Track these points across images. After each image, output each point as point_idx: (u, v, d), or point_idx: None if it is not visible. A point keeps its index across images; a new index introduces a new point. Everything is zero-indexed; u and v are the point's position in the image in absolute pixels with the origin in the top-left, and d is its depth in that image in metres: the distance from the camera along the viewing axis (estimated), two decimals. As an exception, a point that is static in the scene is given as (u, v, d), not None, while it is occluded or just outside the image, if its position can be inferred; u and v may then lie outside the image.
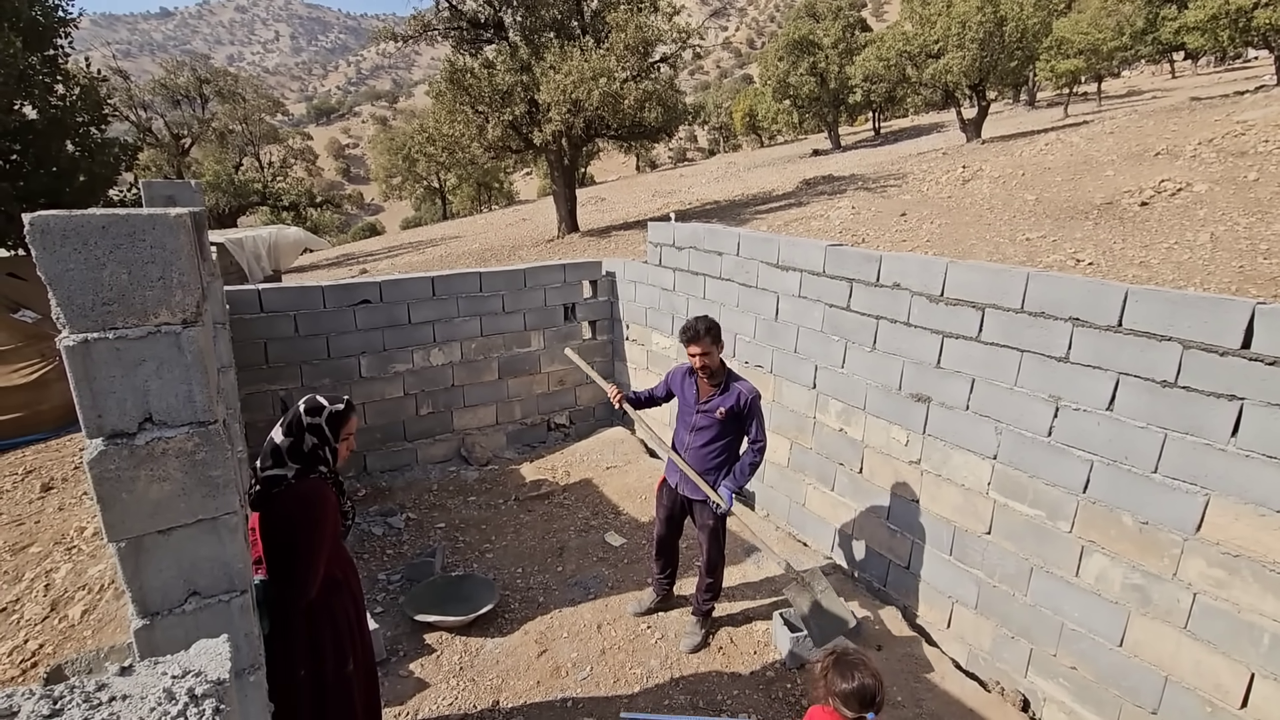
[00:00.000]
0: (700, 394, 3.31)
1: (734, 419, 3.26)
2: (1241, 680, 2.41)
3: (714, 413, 3.25)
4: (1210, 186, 8.17)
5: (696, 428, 3.30)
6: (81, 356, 1.24)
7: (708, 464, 3.29)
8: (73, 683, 0.67)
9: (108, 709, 0.64)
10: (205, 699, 0.65)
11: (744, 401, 3.23)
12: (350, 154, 67.57)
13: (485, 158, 13.63)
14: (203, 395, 1.36)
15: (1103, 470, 2.75)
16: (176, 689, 0.65)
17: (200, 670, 0.68)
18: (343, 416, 2.22)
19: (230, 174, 23.12)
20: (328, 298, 4.86)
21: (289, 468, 2.11)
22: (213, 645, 0.74)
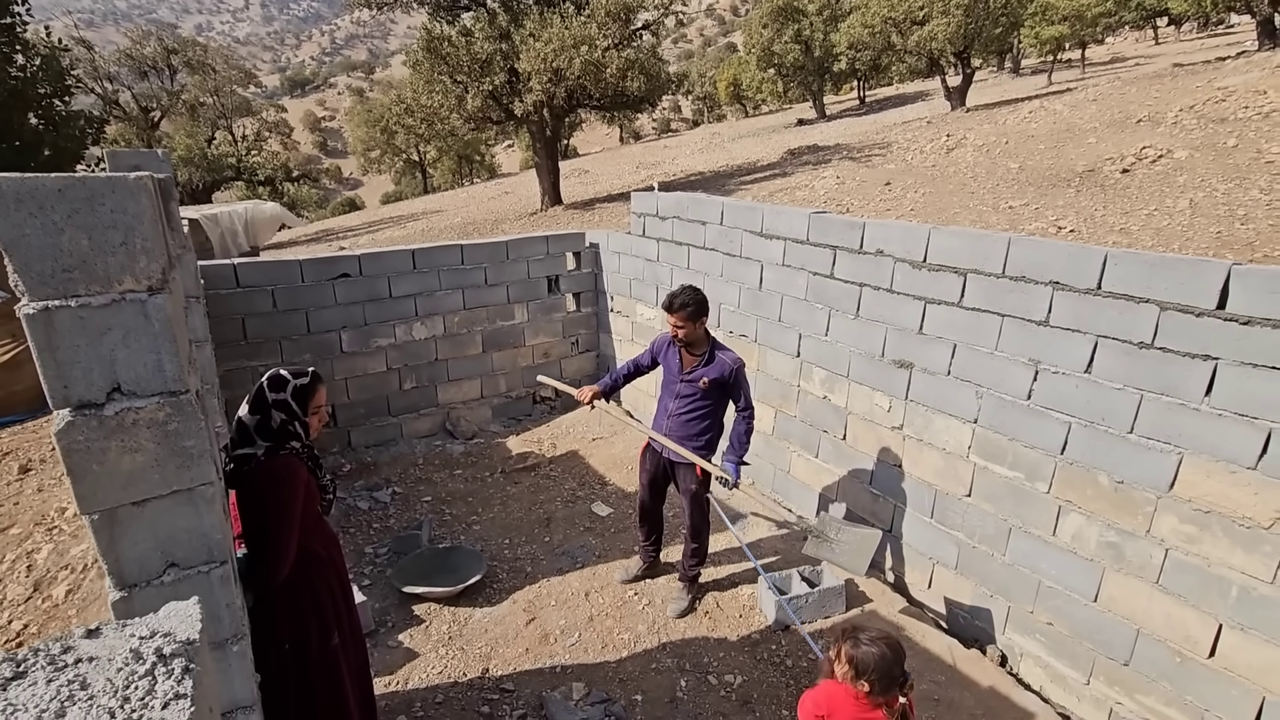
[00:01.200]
0: (684, 364, 3.33)
1: (718, 389, 3.27)
2: (1210, 631, 2.48)
3: (697, 382, 3.27)
4: (1190, 153, 8.21)
5: (679, 395, 3.33)
6: (43, 325, 1.21)
7: (690, 431, 3.31)
8: (37, 645, 0.66)
9: (73, 670, 0.63)
10: (174, 658, 0.64)
11: (729, 372, 3.23)
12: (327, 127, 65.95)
13: (465, 129, 13.36)
14: (173, 364, 1.33)
15: (1080, 431, 2.79)
16: (144, 649, 0.64)
17: (169, 631, 0.67)
18: (309, 389, 2.17)
19: (203, 148, 22.50)
20: (306, 272, 4.78)
21: (259, 446, 2.08)
22: (182, 607, 0.72)
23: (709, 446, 3.37)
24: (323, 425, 2.30)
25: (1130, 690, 2.74)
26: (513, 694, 3.00)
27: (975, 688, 2.99)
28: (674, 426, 3.34)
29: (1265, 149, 7.69)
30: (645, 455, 3.58)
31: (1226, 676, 2.45)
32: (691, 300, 3.16)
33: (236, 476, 2.06)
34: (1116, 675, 2.78)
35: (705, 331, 3.32)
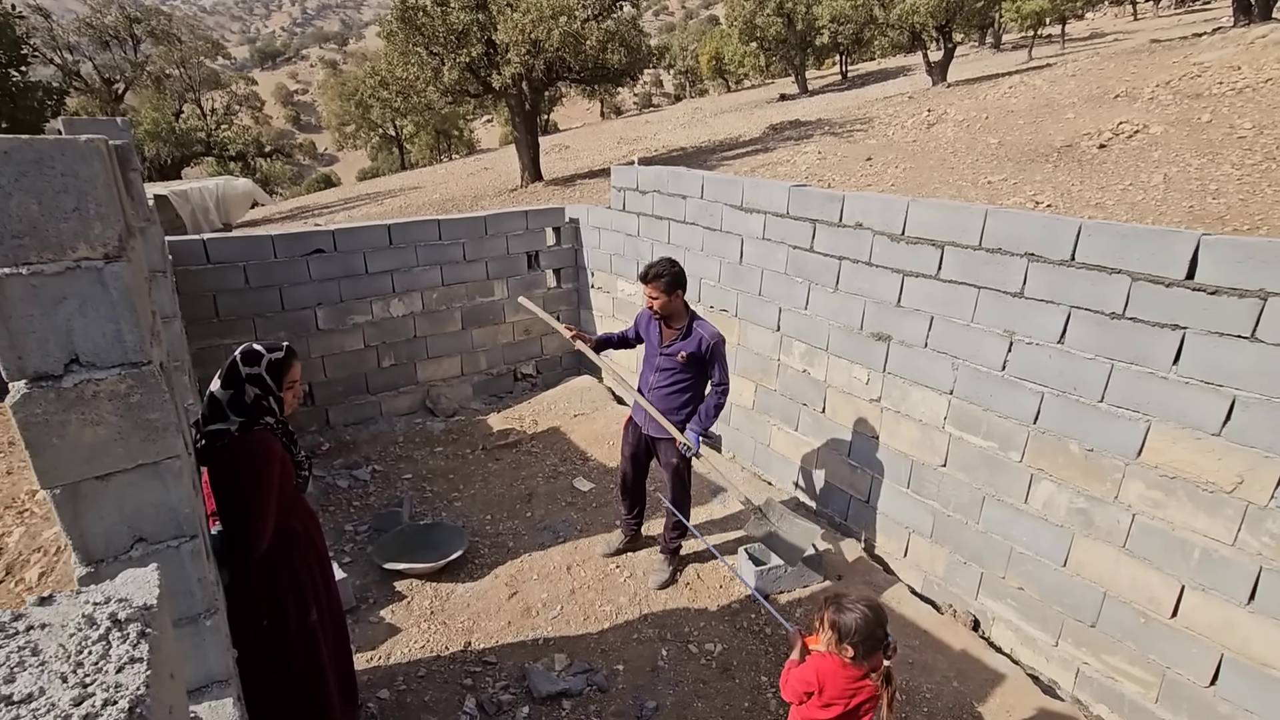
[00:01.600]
0: (663, 337, 3.33)
1: (695, 362, 3.27)
2: (1173, 592, 2.56)
3: (675, 355, 3.27)
4: (1165, 128, 8.28)
5: (659, 369, 3.35)
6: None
7: (671, 405, 3.33)
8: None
9: (24, 638, 0.61)
10: (129, 623, 0.62)
11: (705, 346, 3.23)
12: (299, 100, 64.16)
13: (442, 102, 13.08)
14: (133, 335, 1.29)
15: (1052, 401, 2.84)
16: (98, 614, 0.63)
17: (125, 597, 0.66)
18: (284, 363, 2.13)
19: (170, 122, 21.78)
20: (279, 248, 4.68)
21: (231, 421, 2.04)
22: (140, 573, 0.71)
23: (689, 419, 3.38)
24: (297, 401, 2.27)
25: (1096, 650, 2.83)
26: (495, 666, 3.03)
27: (948, 651, 3.07)
28: (654, 400, 3.35)
29: (1238, 124, 7.78)
30: (627, 430, 3.59)
31: (1187, 635, 2.54)
32: (666, 271, 3.16)
33: (209, 453, 2.03)
34: (1084, 636, 2.87)
35: (684, 305, 3.31)
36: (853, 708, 1.98)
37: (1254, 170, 6.76)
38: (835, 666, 1.98)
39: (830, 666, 1.99)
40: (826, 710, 2.01)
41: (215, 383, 2.08)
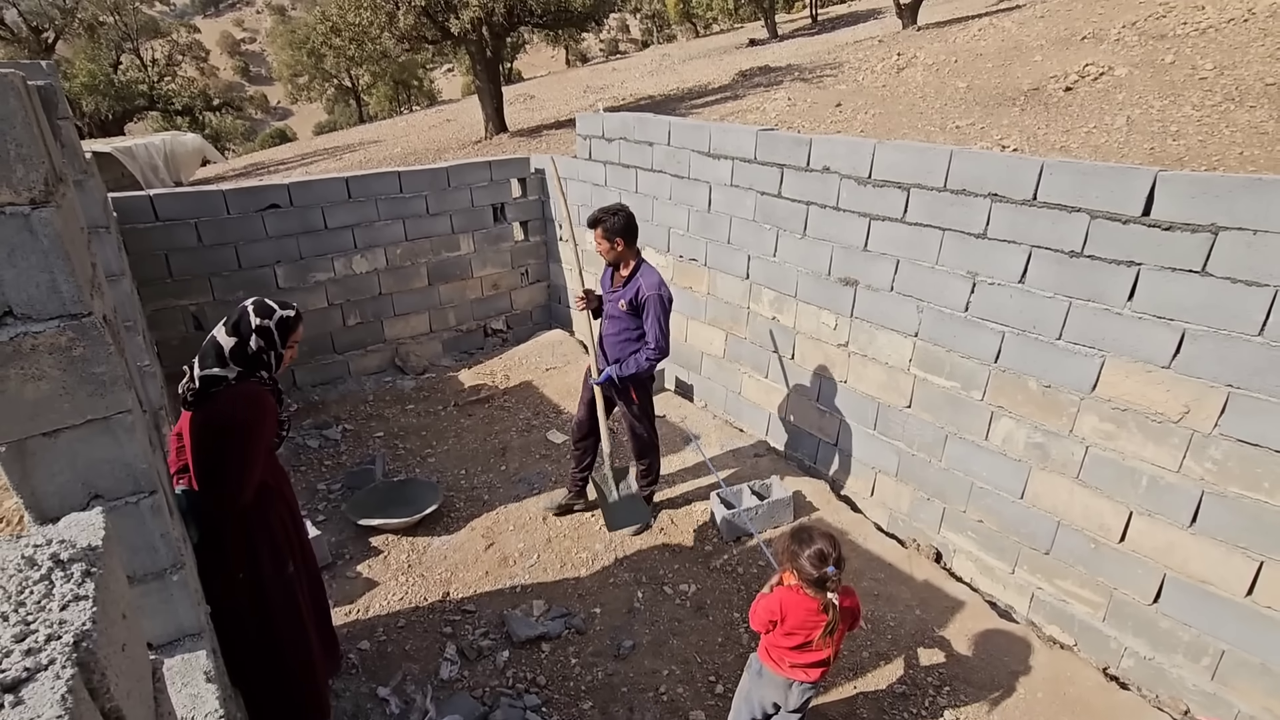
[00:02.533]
0: (613, 283, 3.34)
1: (635, 311, 3.25)
2: (1121, 518, 2.69)
3: (618, 303, 3.27)
4: (1130, 70, 8.30)
5: (610, 316, 3.36)
6: (-89, 242, 1.09)
7: (624, 354, 3.32)
8: (-82, 558, 0.62)
9: (-39, 581, 0.60)
10: (73, 563, 0.61)
11: (641, 296, 3.18)
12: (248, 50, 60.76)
13: (398, 50, 12.50)
14: (69, 285, 1.23)
15: (1013, 340, 2.90)
16: (38, 556, 0.61)
17: (66, 539, 0.64)
18: (294, 322, 2.17)
19: (108, 74, 20.49)
20: (231, 203, 4.50)
21: (230, 369, 2.02)
22: (83, 517, 0.69)
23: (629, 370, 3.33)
24: (292, 361, 2.25)
25: (1050, 576, 2.98)
26: (474, 614, 3.08)
27: (912, 582, 3.20)
28: (608, 348, 3.37)
29: (1199, 65, 7.84)
30: (587, 376, 3.53)
31: (1134, 558, 2.68)
32: (607, 217, 3.14)
33: (201, 397, 2.00)
34: (1038, 563, 3.01)
35: (635, 253, 3.27)
36: (814, 638, 2.06)
37: (1213, 111, 6.84)
38: (797, 598, 2.07)
39: (793, 598, 2.07)
40: (788, 639, 2.10)
41: (220, 330, 2.05)
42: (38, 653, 0.52)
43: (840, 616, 2.06)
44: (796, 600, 2.07)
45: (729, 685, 2.72)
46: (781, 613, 2.08)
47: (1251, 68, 7.46)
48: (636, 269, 3.24)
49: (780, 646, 2.14)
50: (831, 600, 2.01)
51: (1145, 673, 2.72)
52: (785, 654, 2.14)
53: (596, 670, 2.80)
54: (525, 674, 2.77)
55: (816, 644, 2.07)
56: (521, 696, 2.66)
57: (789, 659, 2.14)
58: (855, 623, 2.21)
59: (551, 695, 2.69)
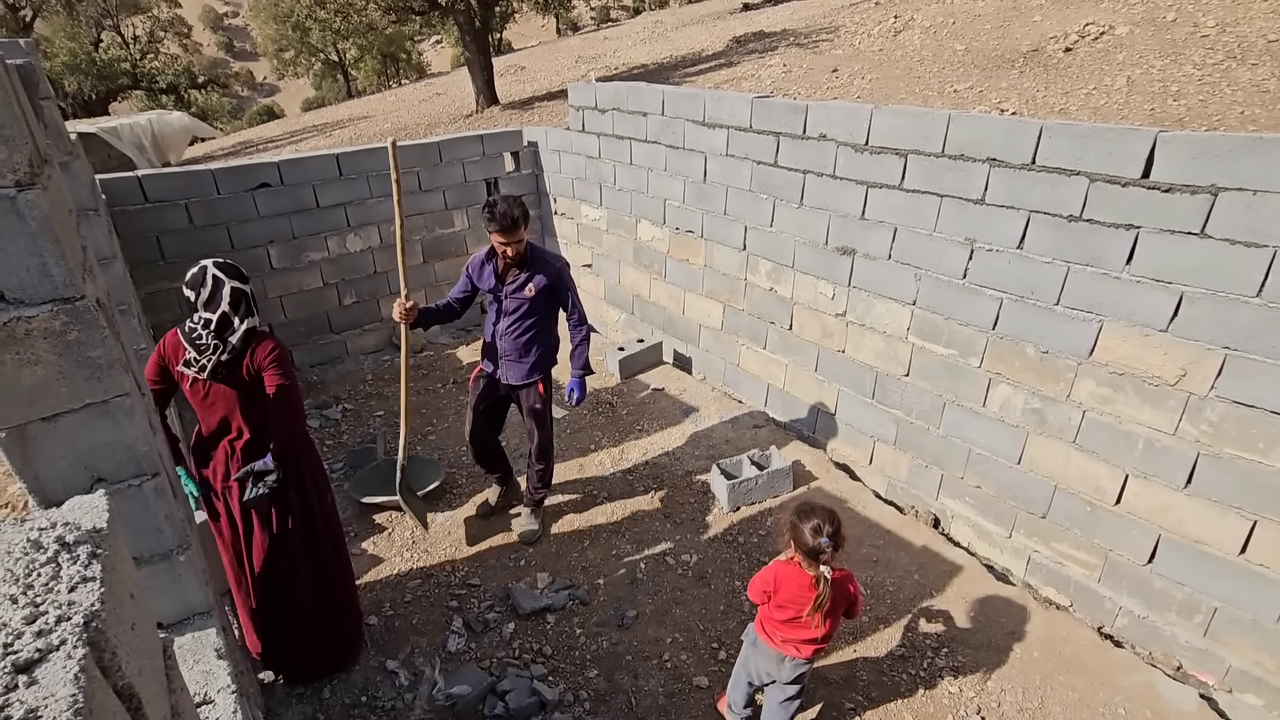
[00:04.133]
0: (504, 276, 3.02)
1: (547, 296, 3.04)
2: (1117, 481, 2.72)
3: (523, 291, 3.00)
4: (1131, 29, 8.16)
5: (506, 313, 3.05)
6: (-103, 228, 1.08)
7: (523, 349, 3.10)
8: (-76, 544, 0.62)
9: (-32, 565, 0.60)
10: (79, 545, 0.61)
11: (554, 273, 3.01)
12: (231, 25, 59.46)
13: (385, 21, 12.25)
14: (60, 269, 1.22)
15: (1011, 306, 2.90)
16: (44, 539, 0.62)
17: (71, 521, 0.65)
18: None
19: (89, 52, 20.08)
20: (220, 182, 4.44)
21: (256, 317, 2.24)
22: (87, 499, 0.69)
23: (548, 358, 3.20)
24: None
25: (1046, 539, 3.02)
26: (479, 588, 3.12)
27: (910, 548, 3.25)
28: (506, 348, 3.09)
29: (1201, 22, 7.70)
30: (477, 382, 3.27)
31: (1129, 520, 2.71)
32: (514, 208, 2.81)
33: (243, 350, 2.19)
34: (1035, 527, 3.05)
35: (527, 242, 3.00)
36: (803, 613, 2.07)
37: (1215, 70, 6.74)
38: (791, 571, 2.09)
39: (788, 571, 2.09)
40: (780, 611, 2.12)
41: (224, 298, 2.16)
42: (49, 634, 0.52)
43: (835, 597, 2.06)
44: (791, 573, 2.09)
45: (731, 652, 2.77)
46: (775, 584, 2.11)
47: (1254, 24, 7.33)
48: (529, 251, 2.99)
49: (773, 620, 2.16)
50: (824, 574, 2.01)
51: (1139, 631, 2.77)
52: (778, 627, 2.16)
53: (601, 640, 2.85)
54: (531, 645, 2.82)
55: (806, 620, 2.07)
56: (528, 667, 2.71)
57: (780, 633, 2.16)
58: (854, 609, 2.18)
59: (558, 665, 2.74)
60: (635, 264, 5.04)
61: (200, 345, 2.13)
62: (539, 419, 3.24)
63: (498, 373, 3.18)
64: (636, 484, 3.76)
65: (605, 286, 5.46)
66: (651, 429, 4.22)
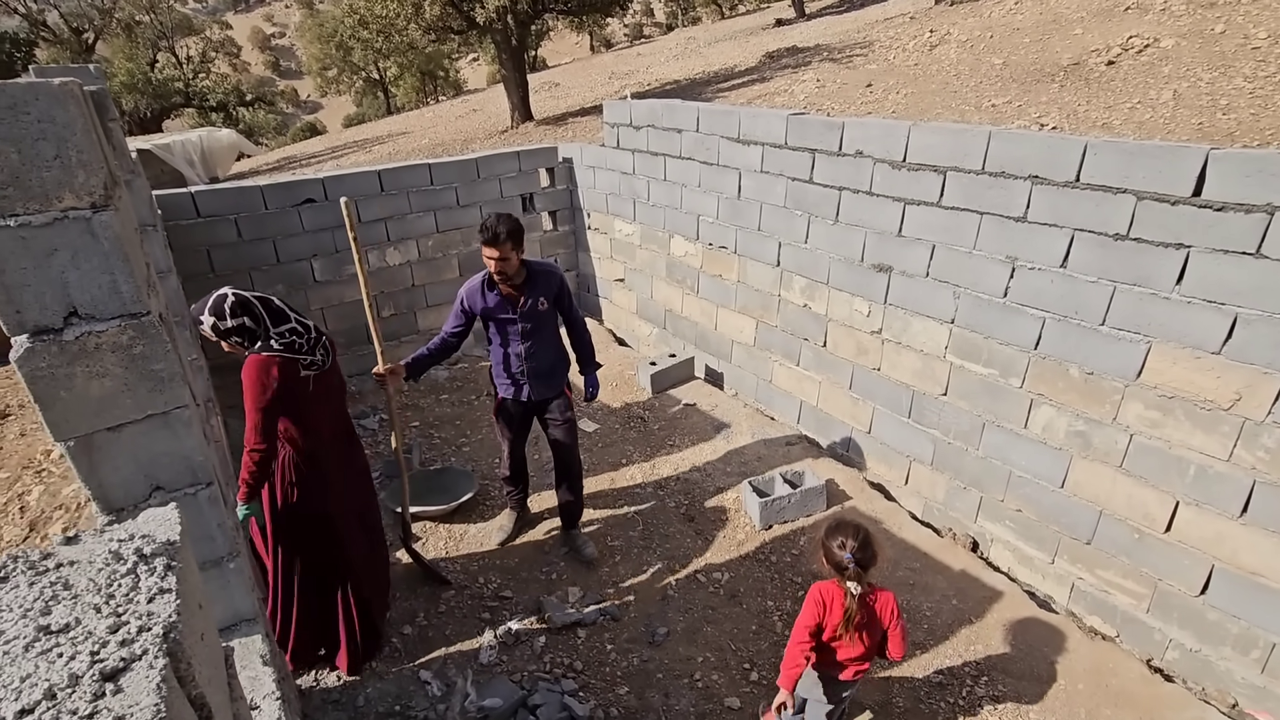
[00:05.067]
0: (515, 300, 2.95)
1: (556, 304, 3.03)
2: (1167, 508, 2.63)
3: (538, 308, 2.96)
4: (1177, 41, 7.96)
5: (526, 335, 2.99)
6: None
7: (553, 364, 3.11)
8: (14, 553, 0.66)
9: (55, 574, 0.64)
10: (155, 557, 0.64)
11: (558, 282, 3.01)
12: (278, 45, 61.71)
13: (425, 40, 12.58)
14: (129, 286, 1.28)
15: (1054, 326, 2.84)
16: (124, 550, 0.65)
17: (148, 534, 0.68)
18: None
19: (145, 72, 21.00)
20: (268, 198, 4.59)
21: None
22: (160, 512, 0.73)
23: (568, 363, 3.21)
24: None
25: (1091, 566, 2.92)
26: (511, 600, 3.14)
27: (948, 572, 3.17)
28: (537, 368, 3.05)
29: (1252, 34, 7.48)
30: (501, 414, 3.24)
31: (1180, 548, 2.61)
32: (503, 225, 2.73)
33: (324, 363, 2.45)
34: (1079, 553, 2.96)
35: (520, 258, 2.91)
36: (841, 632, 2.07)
37: (1267, 83, 6.54)
38: (831, 588, 2.07)
39: (830, 588, 2.08)
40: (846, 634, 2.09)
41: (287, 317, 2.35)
42: (131, 643, 0.55)
43: (869, 617, 2.06)
44: (831, 590, 2.09)
45: (763, 673, 2.74)
46: (827, 599, 2.10)
47: (1309, 35, 7.10)
48: (529, 266, 2.95)
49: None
50: (849, 589, 2.01)
51: (1191, 665, 2.66)
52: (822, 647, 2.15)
53: (632, 656, 2.84)
54: (562, 659, 2.82)
55: (841, 637, 2.06)
56: (559, 681, 2.71)
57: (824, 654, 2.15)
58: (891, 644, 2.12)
59: (588, 680, 2.74)
60: (668, 279, 5.06)
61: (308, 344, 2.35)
62: (570, 428, 3.26)
63: (524, 394, 3.12)
64: (668, 499, 3.76)
65: (638, 301, 5.49)
66: (683, 444, 4.22)
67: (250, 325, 2.24)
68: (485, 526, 3.61)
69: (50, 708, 0.49)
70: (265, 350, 2.24)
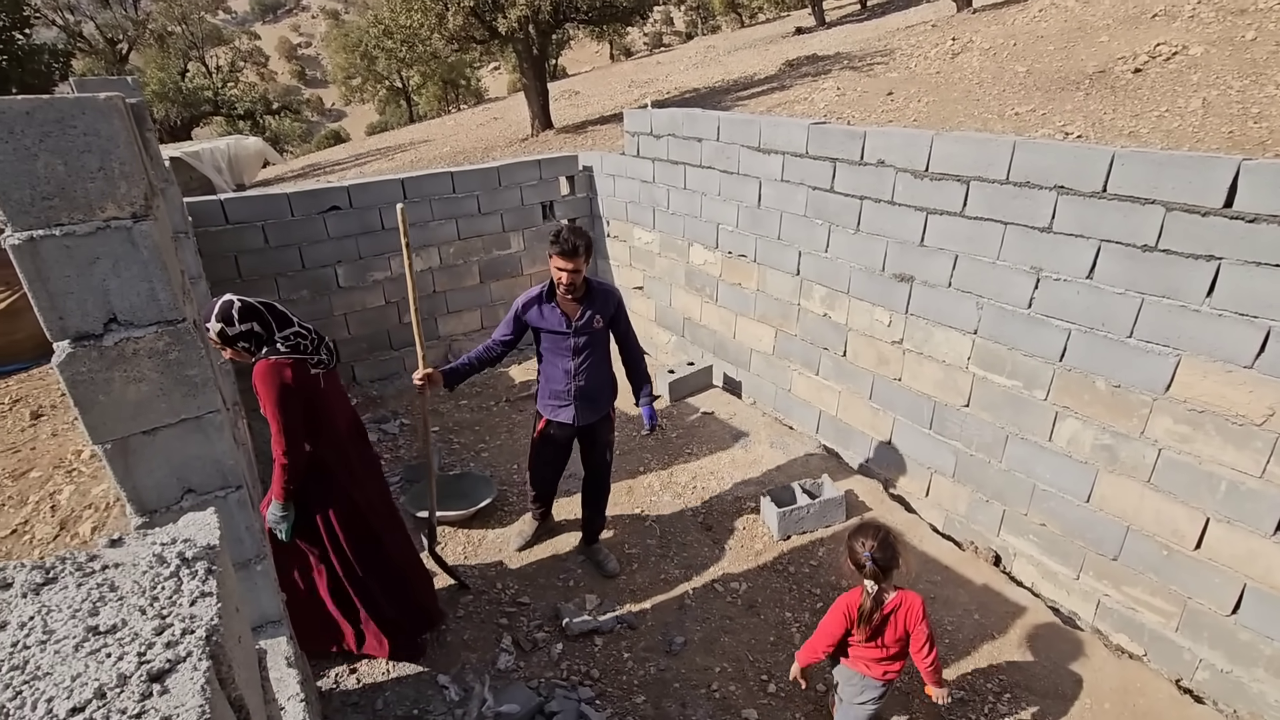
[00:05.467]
0: (571, 314, 2.91)
1: (609, 325, 2.99)
2: (1197, 525, 2.57)
3: (593, 324, 2.92)
4: (1206, 48, 7.84)
5: (579, 350, 2.94)
6: (30, 256, 1.19)
7: (604, 381, 3.05)
8: (63, 554, 0.68)
9: (101, 575, 0.65)
10: (197, 561, 0.66)
11: (614, 302, 2.95)
12: (304, 54, 62.95)
13: (448, 50, 12.76)
14: (166, 293, 1.32)
15: (1080, 338, 2.80)
16: (167, 554, 0.67)
17: (189, 538, 0.69)
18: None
19: (176, 81, 21.52)
20: (295, 205, 4.68)
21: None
22: (200, 516, 0.75)
23: (615, 386, 3.15)
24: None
25: (1117, 582, 2.87)
26: (529, 606, 3.15)
27: (970, 586, 3.13)
28: (585, 388, 2.98)
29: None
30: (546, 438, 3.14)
31: (1210, 566, 2.56)
32: (576, 237, 2.71)
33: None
34: (1105, 569, 2.90)
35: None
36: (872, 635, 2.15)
37: (1300, 91, 6.41)
38: (859, 596, 2.10)
39: (855, 596, 2.10)
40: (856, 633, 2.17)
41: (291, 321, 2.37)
42: (175, 645, 0.57)
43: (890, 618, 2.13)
44: (856, 598, 2.18)
45: (781, 685, 2.72)
46: (849, 613, 2.19)
47: (1344, 42, 6.96)
48: (588, 283, 2.92)
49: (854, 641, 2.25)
50: (866, 586, 2.10)
51: (1222, 686, 2.60)
52: (858, 649, 2.25)
53: (649, 665, 2.83)
54: (579, 666, 2.82)
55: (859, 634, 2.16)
56: (576, 689, 2.71)
57: (854, 648, 2.25)
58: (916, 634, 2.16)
59: (605, 688, 2.74)
60: (687, 287, 5.06)
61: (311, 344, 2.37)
62: (609, 451, 3.21)
63: (570, 417, 3.02)
64: (685, 508, 3.75)
65: (656, 309, 5.50)
66: (701, 453, 4.21)
67: (259, 330, 2.27)
68: (504, 532, 3.63)
69: (100, 707, 0.51)
70: (272, 354, 2.27)
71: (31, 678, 0.53)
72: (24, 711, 0.50)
